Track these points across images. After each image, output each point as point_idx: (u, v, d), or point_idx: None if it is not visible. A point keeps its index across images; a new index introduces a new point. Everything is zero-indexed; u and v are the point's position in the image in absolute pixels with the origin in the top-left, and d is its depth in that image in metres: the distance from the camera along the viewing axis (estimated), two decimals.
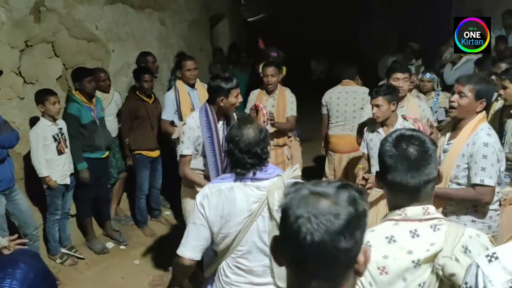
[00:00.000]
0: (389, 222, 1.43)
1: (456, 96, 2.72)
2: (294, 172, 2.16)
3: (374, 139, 3.46)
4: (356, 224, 0.94)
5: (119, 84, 5.32)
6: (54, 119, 4.10)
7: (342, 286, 0.97)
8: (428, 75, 4.98)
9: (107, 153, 4.62)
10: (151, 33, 6.06)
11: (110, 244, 4.79)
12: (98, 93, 4.64)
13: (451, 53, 6.70)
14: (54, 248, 4.35)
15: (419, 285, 1.36)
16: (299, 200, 0.96)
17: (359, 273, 0.99)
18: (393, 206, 1.47)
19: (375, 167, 3.33)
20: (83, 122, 4.29)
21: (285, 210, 0.97)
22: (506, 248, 1.20)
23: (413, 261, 1.36)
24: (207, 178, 3.26)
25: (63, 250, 4.42)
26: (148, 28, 5.99)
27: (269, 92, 4.63)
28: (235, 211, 2.08)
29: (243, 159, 2.09)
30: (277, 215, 2.00)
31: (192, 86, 4.62)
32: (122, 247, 4.79)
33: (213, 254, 2.29)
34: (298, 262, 0.97)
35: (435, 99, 4.95)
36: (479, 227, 2.74)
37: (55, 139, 4.10)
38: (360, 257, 0.97)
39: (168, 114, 4.57)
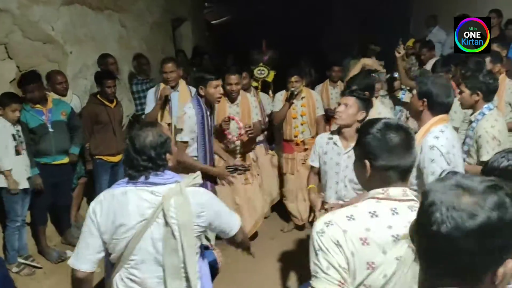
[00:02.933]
0: (372, 200, 1.54)
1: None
2: (194, 179, 2.10)
3: (329, 153, 3.10)
4: (495, 231, 0.87)
5: (77, 87, 5.18)
6: (13, 122, 4.03)
7: None
8: (395, 74, 5.09)
9: (64, 159, 4.45)
10: (111, 35, 5.94)
11: (70, 253, 4.63)
12: (55, 97, 4.51)
13: (413, 64, 6.87)
14: (12, 257, 4.19)
15: (397, 258, 1.45)
16: (441, 188, 0.93)
17: (494, 285, 0.91)
18: (376, 187, 1.58)
19: (331, 183, 3.09)
20: (30, 126, 4.19)
21: (425, 193, 0.96)
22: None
23: (392, 236, 1.45)
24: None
25: (20, 260, 4.25)
26: (108, 30, 5.87)
27: (232, 100, 4.55)
28: (127, 215, 1.97)
29: (135, 160, 2.01)
30: (173, 222, 1.96)
31: (173, 88, 4.67)
32: None
33: (109, 271, 2.14)
34: (425, 251, 0.96)
35: (401, 97, 5.03)
36: None
37: (14, 138, 4.01)
38: (500, 269, 0.90)
39: (149, 108, 4.62)
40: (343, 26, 12.52)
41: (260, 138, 5.06)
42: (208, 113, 3.84)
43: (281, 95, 5.00)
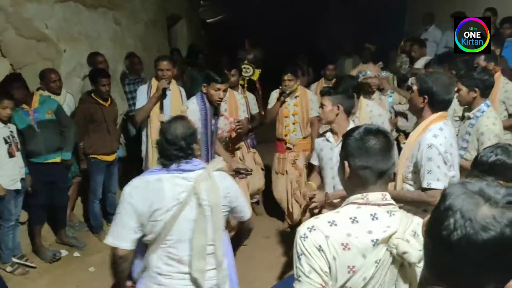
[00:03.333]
0: (353, 205, 1.59)
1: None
2: (218, 164, 2.37)
3: (324, 149, 3.27)
4: (506, 248, 0.85)
5: (71, 86, 5.14)
6: (5, 122, 3.95)
7: None
8: (383, 72, 4.98)
9: (57, 158, 4.40)
10: (106, 33, 5.90)
11: (64, 252, 4.61)
12: (49, 96, 4.48)
13: (404, 61, 6.88)
14: (6, 256, 4.16)
15: (376, 261, 1.50)
16: (462, 193, 0.91)
17: None
18: (355, 191, 1.63)
19: (328, 179, 3.22)
20: (19, 127, 4.14)
21: (444, 196, 0.94)
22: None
23: (372, 240, 1.50)
24: None
25: (14, 259, 4.22)
26: (103, 28, 5.83)
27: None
28: (164, 200, 2.18)
29: (168, 150, 2.24)
30: (204, 203, 2.21)
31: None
32: (76, 254, 4.63)
33: (143, 251, 2.33)
34: (431, 252, 0.96)
35: (389, 100, 4.92)
36: None
37: (6, 141, 3.95)
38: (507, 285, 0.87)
39: (140, 104, 4.51)
40: (338, 25, 12.53)
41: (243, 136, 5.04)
42: (212, 111, 3.90)
43: (276, 93, 5.00)
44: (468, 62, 4.22)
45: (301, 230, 1.55)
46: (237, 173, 3.99)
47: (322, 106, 3.20)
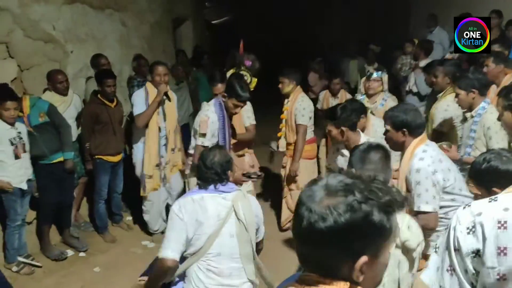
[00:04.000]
0: None
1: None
2: (249, 187, 2.83)
3: (340, 160, 3.51)
4: (344, 232, 0.96)
5: (78, 87, 5.18)
6: (12, 123, 3.94)
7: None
8: (375, 74, 4.71)
9: (61, 157, 4.41)
10: (112, 34, 5.93)
11: (70, 252, 4.64)
12: (56, 96, 4.51)
13: (405, 63, 6.89)
14: (12, 256, 4.18)
15: None
16: (309, 187, 1.03)
17: (351, 276, 1.01)
18: None
19: None
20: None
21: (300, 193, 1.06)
22: (479, 201, 1.50)
23: None
24: None
25: (20, 259, 4.24)
26: (109, 29, 5.86)
27: None
28: (207, 216, 2.45)
29: (206, 173, 2.55)
30: (244, 218, 2.50)
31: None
32: (81, 254, 4.65)
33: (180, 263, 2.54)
34: (297, 245, 1.06)
35: (381, 104, 4.60)
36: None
37: (11, 143, 3.95)
38: (357, 263, 0.98)
39: (139, 109, 4.52)
40: (342, 26, 12.53)
41: None
42: (228, 119, 3.94)
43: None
44: (458, 64, 4.31)
45: None
46: (247, 177, 3.97)
47: (329, 131, 3.46)
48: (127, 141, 5.20)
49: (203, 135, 3.77)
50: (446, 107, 4.21)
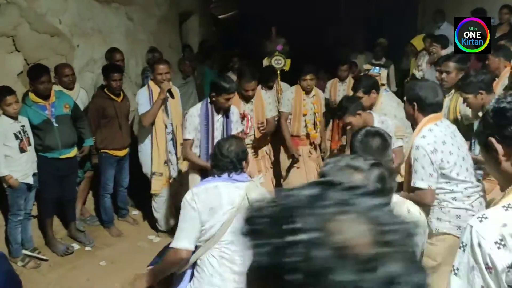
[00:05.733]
0: None
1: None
2: (260, 179, 2.72)
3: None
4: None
5: (84, 81, 5.17)
6: (15, 117, 3.94)
7: None
8: (376, 69, 4.82)
9: (71, 152, 4.39)
10: (118, 28, 5.92)
11: (76, 246, 4.64)
12: (63, 90, 4.49)
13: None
14: (16, 251, 4.18)
15: None
16: (336, 170, 1.14)
17: None
18: None
19: None
20: (33, 122, 4.12)
21: (321, 177, 1.14)
22: (493, 210, 1.43)
23: None
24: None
25: (25, 252, 4.25)
26: (115, 23, 5.85)
27: (247, 101, 4.76)
28: (221, 203, 2.47)
29: (220, 161, 2.58)
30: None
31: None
32: (87, 248, 4.65)
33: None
34: None
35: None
36: (446, 227, 2.79)
37: (16, 137, 3.95)
38: None
39: (145, 108, 4.55)
40: (350, 21, 12.46)
41: None
42: (224, 117, 4.01)
43: (292, 92, 5.11)
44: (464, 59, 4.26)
45: None
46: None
47: (349, 124, 3.70)
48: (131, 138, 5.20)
49: (185, 128, 4.02)
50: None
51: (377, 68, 4.82)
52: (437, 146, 2.71)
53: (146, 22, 6.65)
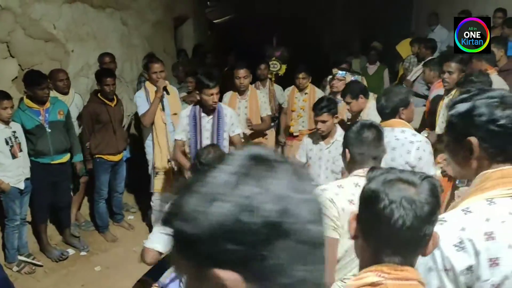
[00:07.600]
0: (355, 176, 2.17)
1: None
2: None
3: (314, 149, 3.76)
4: (436, 212, 1.17)
5: (79, 86, 5.17)
6: (7, 122, 3.94)
7: (413, 263, 1.20)
8: (341, 73, 4.87)
9: (63, 158, 4.39)
10: (113, 33, 5.93)
11: (71, 251, 4.64)
12: (57, 95, 4.49)
13: (412, 63, 6.86)
14: (12, 256, 4.17)
15: None
16: (387, 186, 1.16)
17: (424, 254, 1.21)
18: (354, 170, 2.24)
19: (314, 176, 3.54)
20: (26, 127, 4.13)
21: (374, 193, 1.17)
22: (452, 214, 1.45)
23: None
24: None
25: (21, 258, 4.24)
26: (110, 28, 5.86)
27: (241, 93, 4.84)
28: None
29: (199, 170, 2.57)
30: None
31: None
32: (82, 253, 4.65)
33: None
34: (384, 241, 1.18)
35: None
36: None
37: (7, 143, 3.94)
38: (430, 242, 1.19)
39: (143, 109, 4.57)
40: (344, 24, 12.50)
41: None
42: (216, 118, 4.01)
43: (288, 90, 5.38)
44: (463, 60, 4.30)
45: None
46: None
47: (323, 122, 3.59)
48: (133, 140, 5.20)
49: (176, 128, 4.17)
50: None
51: (342, 72, 4.92)
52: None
53: (141, 27, 6.66)
